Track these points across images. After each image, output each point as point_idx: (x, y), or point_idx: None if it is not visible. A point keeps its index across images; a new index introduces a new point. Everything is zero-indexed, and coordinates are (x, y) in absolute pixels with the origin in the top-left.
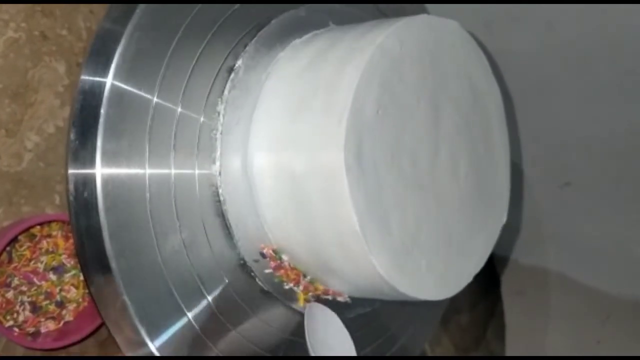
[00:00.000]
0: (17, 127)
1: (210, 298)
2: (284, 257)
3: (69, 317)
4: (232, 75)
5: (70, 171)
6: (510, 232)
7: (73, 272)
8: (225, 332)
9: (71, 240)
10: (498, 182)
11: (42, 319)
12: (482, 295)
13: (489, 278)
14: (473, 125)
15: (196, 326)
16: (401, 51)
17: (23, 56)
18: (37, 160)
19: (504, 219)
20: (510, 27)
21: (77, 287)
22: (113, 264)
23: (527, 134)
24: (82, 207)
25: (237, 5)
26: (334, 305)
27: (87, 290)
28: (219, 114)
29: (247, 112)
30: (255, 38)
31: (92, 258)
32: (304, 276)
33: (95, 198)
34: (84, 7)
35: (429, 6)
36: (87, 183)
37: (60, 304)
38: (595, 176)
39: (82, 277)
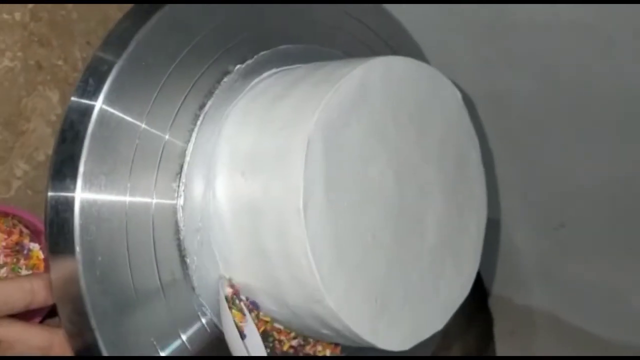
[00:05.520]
0: (8, 154)
1: (185, 338)
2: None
3: None
4: (206, 107)
5: (50, 193)
6: (504, 271)
7: (5, 268)
8: None
9: (13, 237)
10: (470, 237)
11: None
12: (474, 333)
13: (482, 316)
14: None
15: None
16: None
17: (17, 85)
18: (25, 187)
19: (476, 268)
20: (508, 68)
21: None
22: (86, 302)
23: (523, 174)
24: (58, 231)
25: (235, 41)
26: None
27: None
28: (190, 144)
29: (211, 143)
30: (231, 73)
31: (65, 292)
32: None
33: (72, 222)
34: (80, 39)
35: (425, 45)
36: (65, 206)
37: None
38: (590, 219)
39: (21, 272)
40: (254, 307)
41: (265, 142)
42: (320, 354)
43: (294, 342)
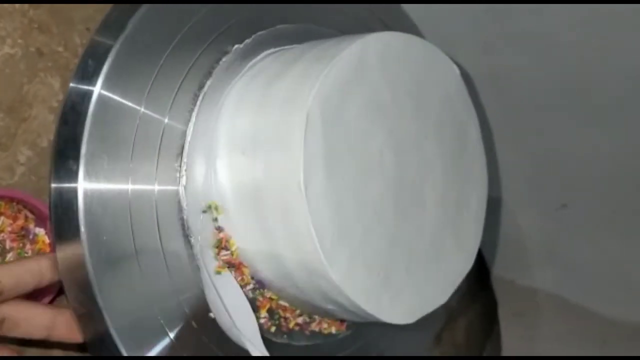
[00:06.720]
0: (11, 141)
1: (190, 315)
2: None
3: None
4: (205, 87)
5: (53, 175)
6: (507, 253)
7: (12, 252)
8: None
9: (18, 222)
10: (471, 212)
11: None
12: (479, 315)
13: (486, 298)
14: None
15: (178, 346)
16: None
17: (19, 72)
18: (29, 173)
19: (477, 244)
20: (508, 46)
21: None
22: (93, 282)
23: (524, 154)
24: (62, 212)
25: (232, 21)
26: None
27: None
28: (190, 125)
29: (211, 124)
30: (229, 53)
31: (72, 273)
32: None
33: (76, 213)
34: (80, 25)
35: (425, 27)
36: (69, 188)
37: None
38: (592, 198)
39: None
40: (259, 285)
41: (264, 120)
42: (325, 332)
43: (300, 320)
